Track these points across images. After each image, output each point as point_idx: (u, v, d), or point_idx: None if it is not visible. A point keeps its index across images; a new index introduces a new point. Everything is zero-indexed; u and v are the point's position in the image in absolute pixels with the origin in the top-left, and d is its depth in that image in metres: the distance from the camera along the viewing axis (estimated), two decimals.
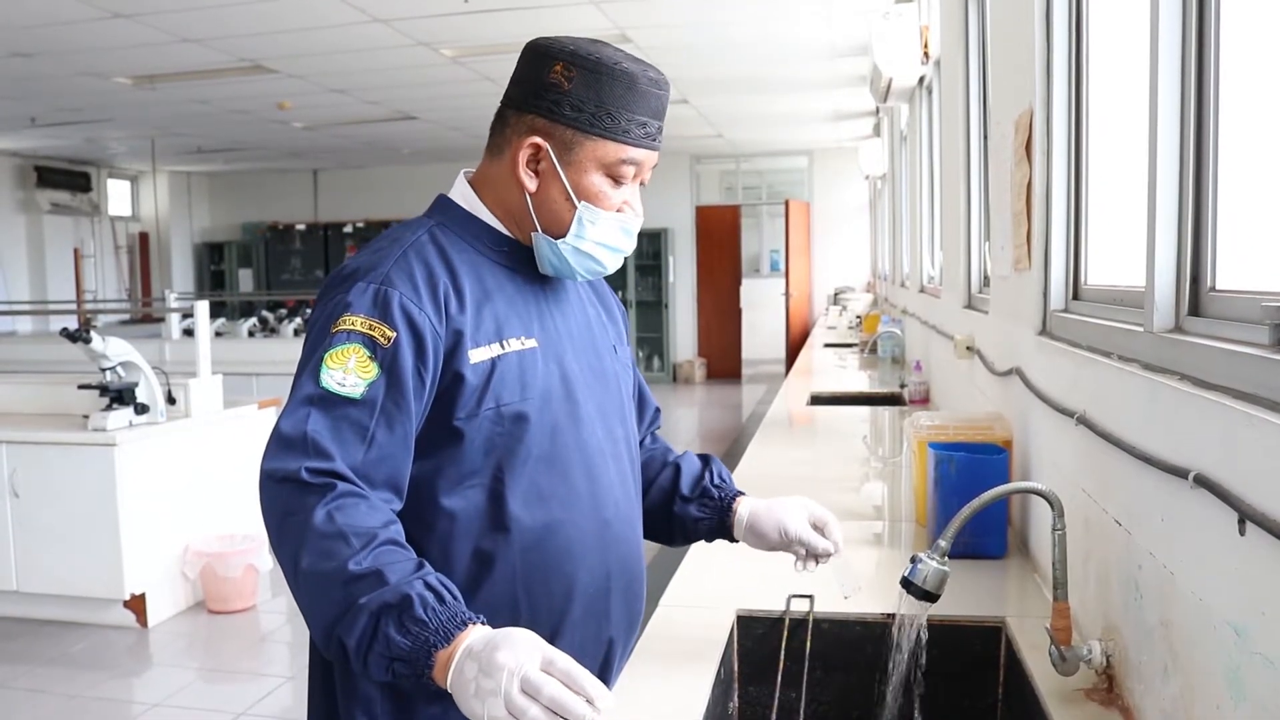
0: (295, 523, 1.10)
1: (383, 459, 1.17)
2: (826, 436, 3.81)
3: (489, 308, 1.27)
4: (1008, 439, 2.11)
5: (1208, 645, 1.06)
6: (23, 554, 4.42)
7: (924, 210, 5.32)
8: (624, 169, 1.26)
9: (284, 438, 1.15)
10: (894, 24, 4.66)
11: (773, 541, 1.47)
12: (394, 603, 1.03)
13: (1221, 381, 1.07)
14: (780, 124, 10.65)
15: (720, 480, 1.53)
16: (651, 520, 1.53)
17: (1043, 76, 1.91)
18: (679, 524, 1.52)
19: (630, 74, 1.23)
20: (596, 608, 1.33)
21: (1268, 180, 1.21)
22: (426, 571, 1.08)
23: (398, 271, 1.23)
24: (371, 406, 1.17)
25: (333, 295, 1.23)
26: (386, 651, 1.03)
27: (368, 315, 1.19)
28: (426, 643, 1.02)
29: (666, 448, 1.59)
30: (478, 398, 1.23)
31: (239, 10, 5.76)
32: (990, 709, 1.65)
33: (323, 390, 1.16)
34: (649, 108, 1.25)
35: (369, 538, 1.08)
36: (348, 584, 1.05)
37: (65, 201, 12.67)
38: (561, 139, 1.25)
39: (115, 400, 4.40)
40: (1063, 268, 1.92)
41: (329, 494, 1.11)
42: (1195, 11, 1.24)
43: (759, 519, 1.47)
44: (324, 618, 1.07)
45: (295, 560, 1.09)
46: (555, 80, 1.23)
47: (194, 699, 3.76)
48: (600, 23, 6.12)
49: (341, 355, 1.18)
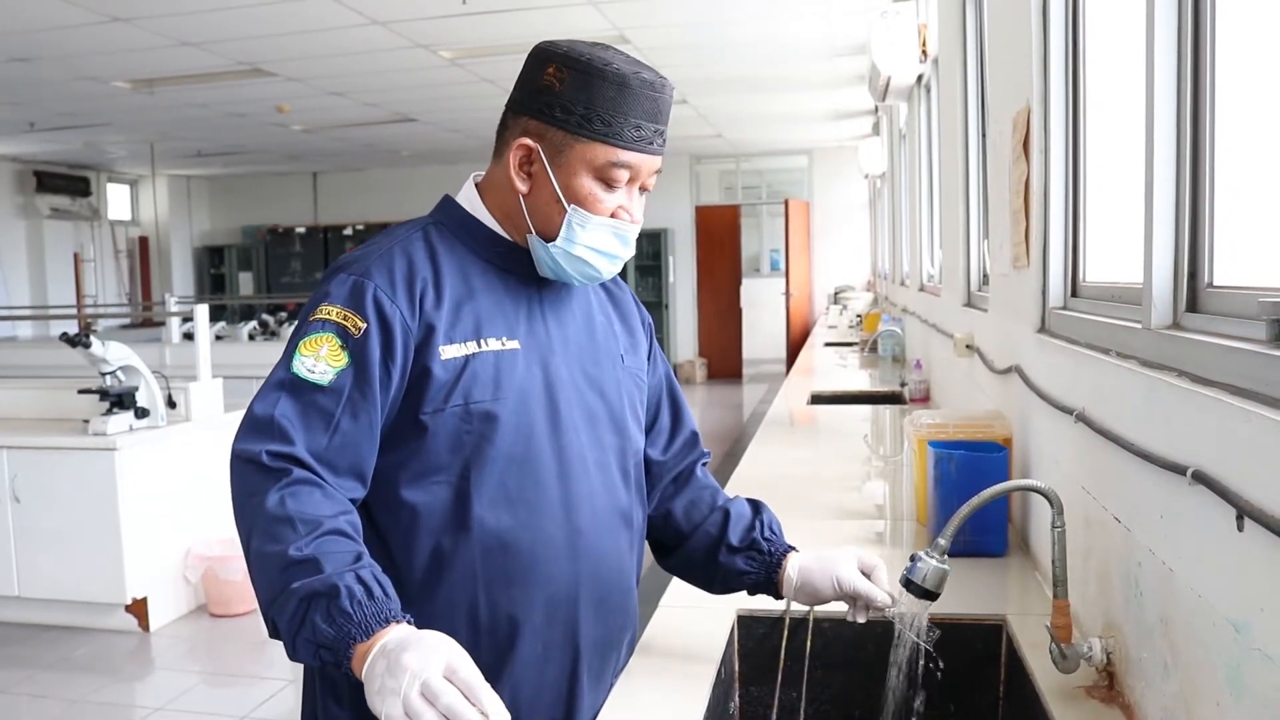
0: (252, 504, 1.14)
1: (346, 445, 1.19)
2: (827, 436, 3.80)
3: (470, 306, 1.27)
4: (1007, 437, 2.11)
5: (1207, 642, 1.06)
6: (24, 559, 4.43)
7: (923, 209, 5.32)
8: (615, 172, 1.24)
9: (254, 419, 1.19)
10: (892, 23, 4.66)
11: (826, 596, 1.42)
12: (322, 591, 1.05)
13: (1219, 377, 1.07)
14: (780, 123, 10.65)
15: (771, 533, 1.47)
16: (692, 566, 1.50)
17: (1040, 74, 1.91)
18: (722, 573, 1.47)
19: (622, 75, 1.22)
20: (562, 616, 1.31)
21: (1265, 176, 1.21)
22: (363, 565, 1.09)
23: (378, 264, 1.25)
24: (339, 394, 1.19)
25: (320, 286, 1.27)
26: (312, 637, 1.05)
27: (343, 305, 1.22)
28: (348, 634, 1.04)
29: (716, 489, 1.53)
30: (445, 393, 1.23)
31: (237, 14, 5.77)
32: (991, 707, 1.65)
33: (294, 376, 1.20)
34: (643, 110, 1.23)
35: (314, 525, 1.10)
36: (286, 568, 1.07)
37: (65, 206, 12.68)
38: (552, 141, 1.24)
39: (115, 404, 4.40)
40: (1061, 265, 1.92)
41: (284, 479, 1.14)
42: (1191, 8, 1.24)
43: (811, 575, 1.42)
44: (264, 597, 1.10)
45: (248, 539, 1.13)
46: (548, 82, 1.23)
47: (196, 703, 3.76)
48: (599, 23, 6.12)
49: (315, 343, 1.21)
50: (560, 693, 1.34)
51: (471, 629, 1.26)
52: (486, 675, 1.26)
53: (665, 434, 1.52)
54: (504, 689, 1.27)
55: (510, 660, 1.28)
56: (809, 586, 1.42)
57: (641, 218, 1.31)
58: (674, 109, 7.82)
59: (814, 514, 2.40)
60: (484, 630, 1.27)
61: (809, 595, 1.43)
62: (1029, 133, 1.96)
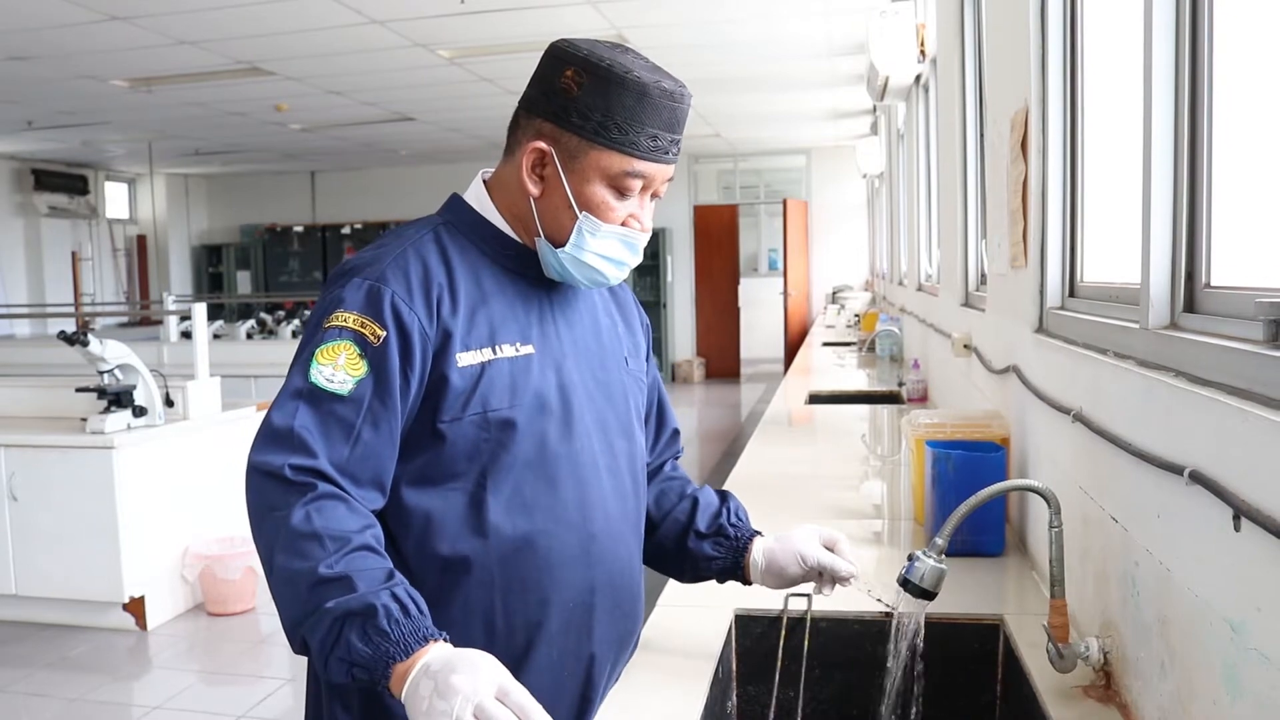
0: (275, 519, 1.11)
1: (368, 456, 1.18)
2: (825, 435, 3.81)
3: (484, 311, 1.25)
4: (1005, 436, 2.11)
5: (1204, 641, 1.06)
6: (22, 557, 4.42)
7: (921, 208, 5.32)
8: (630, 181, 1.23)
9: (273, 430, 1.16)
10: (890, 22, 4.66)
11: (793, 575, 1.44)
12: (359, 610, 1.04)
13: (1216, 378, 1.07)
14: (778, 123, 10.65)
15: (737, 519, 1.49)
16: (663, 553, 1.50)
17: (1038, 74, 1.91)
18: (690, 560, 1.49)
19: (642, 84, 1.19)
20: (578, 622, 1.31)
21: (1262, 176, 1.21)
22: (396, 582, 1.08)
23: (393, 269, 1.22)
24: (359, 404, 1.17)
25: (331, 290, 1.24)
26: (347, 656, 1.04)
27: (360, 312, 1.19)
28: (386, 653, 1.03)
29: (685, 480, 1.55)
30: (463, 402, 1.22)
31: (235, 13, 5.76)
32: (988, 706, 1.65)
33: (312, 385, 1.17)
34: (661, 120, 1.21)
35: (343, 541, 1.09)
36: (317, 586, 1.06)
37: (63, 204, 12.66)
38: (567, 146, 1.22)
39: (113, 403, 4.40)
40: (1059, 265, 1.92)
41: (309, 493, 1.11)
42: (1189, 8, 1.24)
43: (775, 556, 1.44)
44: (291, 615, 1.09)
45: (270, 555, 1.11)
46: (566, 85, 1.20)
47: (194, 701, 3.76)
48: (597, 23, 6.12)
49: (332, 351, 1.18)
50: (574, 699, 1.33)
51: (488, 636, 1.25)
52: None
53: (652, 435, 1.53)
54: None
55: (526, 667, 1.27)
56: (774, 567, 1.44)
57: (650, 225, 1.30)
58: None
59: (811, 513, 2.40)
60: (500, 637, 1.26)
61: (776, 577, 1.45)
62: (1027, 133, 1.96)
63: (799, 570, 1.43)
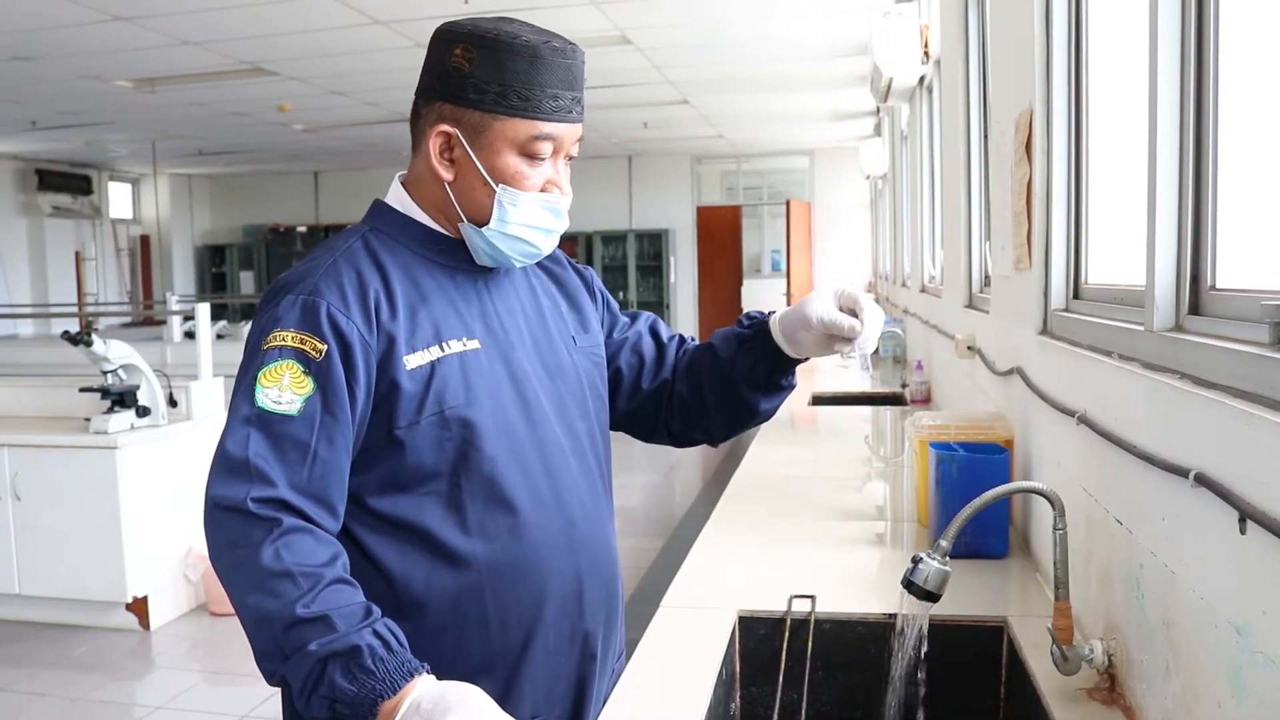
0: (241, 556, 1.10)
1: (327, 472, 1.16)
2: (828, 436, 3.81)
3: (425, 311, 1.24)
4: (1009, 438, 2.11)
5: (1209, 644, 1.06)
6: (25, 557, 4.43)
7: (925, 210, 5.32)
8: (539, 145, 1.21)
9: (229, 461, 1.13)
10: (894, 23, 4.66)
11: (804, 341, 1.37)
12: (342, 651, 1.04)
13: (1222, 380, 1.07)
14: (781, 124, 10.65)
15: (747, 318, 1.45)
16: (718, 398, 1.44)
17: (1042, 76, 1.91)
18: (740, 381, 1.42)
19: (533, 46, 1.18)
20: (570, 608, 1.31)
21: (1267, 178, 1.21)
22: (375, 618, 1.08)
23: (326, 281, 1.20)
24: (310, 421, 1.15)
25: (265, 310, 1.21)
26: (330, 694, 1.04)
27: (297, 329, 1.17)
28: (372, 690, 1.03)
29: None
30: (418, 404, 1.20)
31: (239, 13, 5.77)
32: (992, 709, 1.65)
33: (259, 410, 1.14)
34: (558, 79, 1.20)
35: (315, 578, 1.07)
36: (294, 627, 1.05)
37: (66, 204, 12.69)
38: (470, 123, 1.21)
39: (117, 403, 4.41)
40: (1063, 267, 1.92)
41: (275, 529, 1.09)
42: (1194, 10, 1.24)
43: (789, 320, 1.38)
44: (268, 655, 1.08)
45: (241, 594, 1.09)
46: (457, 63, 1.19)
47: (197, 701, 3.76)
48: (600, 23, 6.12)
49: (275, 372, 1.16)
50: (572, 681, 1.33)
51: (483, 635, 1.25)
52: (503, 676, 1.25)
53: (653, 358, 1.50)
54: (521, 687, 1.27)
55: (525, 659, 1.27)
56: (791, 333, 1.39)
57: (570, 189, 1.28)
58: (674, 109, 7.80)
59: (815, 515, 2.40)
60: (495, 634, 1.25)
61: (794, 344, 1.39)
62: (1031, 134, 1.96)
63: (808, 334, 1.36)
